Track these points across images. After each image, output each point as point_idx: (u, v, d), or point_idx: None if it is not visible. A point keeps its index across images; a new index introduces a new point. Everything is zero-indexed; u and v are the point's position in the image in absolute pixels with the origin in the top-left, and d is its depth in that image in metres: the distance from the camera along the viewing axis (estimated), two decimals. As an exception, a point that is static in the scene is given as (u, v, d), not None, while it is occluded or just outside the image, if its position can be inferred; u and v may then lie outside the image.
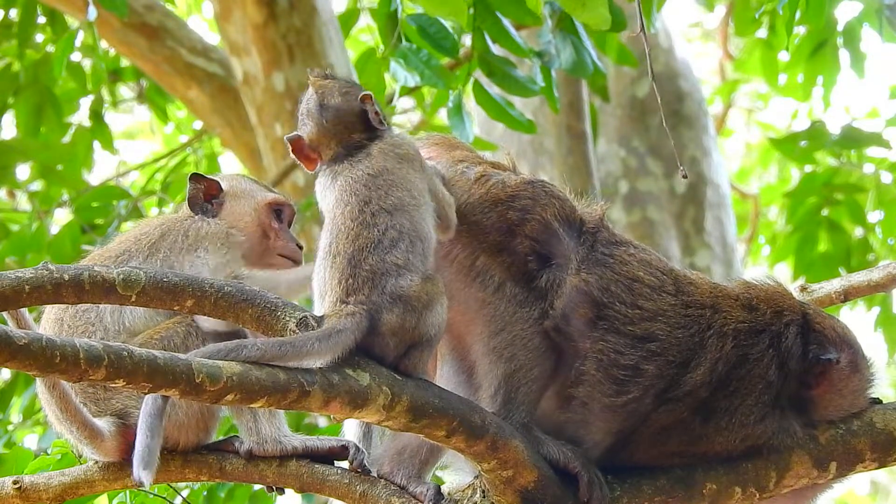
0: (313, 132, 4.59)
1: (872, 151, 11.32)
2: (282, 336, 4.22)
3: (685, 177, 5.78)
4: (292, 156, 4.63)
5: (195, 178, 5.12)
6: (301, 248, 5.11)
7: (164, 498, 5.39)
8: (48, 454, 5.22)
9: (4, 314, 4.33)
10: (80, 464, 4.77)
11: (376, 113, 4.58)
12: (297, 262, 5.08)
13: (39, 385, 4.71)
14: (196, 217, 5.03)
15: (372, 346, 4.24)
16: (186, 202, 5.11)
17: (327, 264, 4.34)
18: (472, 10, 6.97)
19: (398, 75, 6.94)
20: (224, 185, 5.12)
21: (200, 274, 4.79)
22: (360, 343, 4.21)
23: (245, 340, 4.16)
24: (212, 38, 12.43)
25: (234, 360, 4.04)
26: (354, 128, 4.57)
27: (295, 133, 4.63)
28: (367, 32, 12.72)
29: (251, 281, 4.82)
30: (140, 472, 3.98)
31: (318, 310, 4.32)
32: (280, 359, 4.09)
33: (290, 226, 5.18)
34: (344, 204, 4.41)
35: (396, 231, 4.33)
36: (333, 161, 4.54)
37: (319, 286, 4.36)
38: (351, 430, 4.71)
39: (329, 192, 4.50)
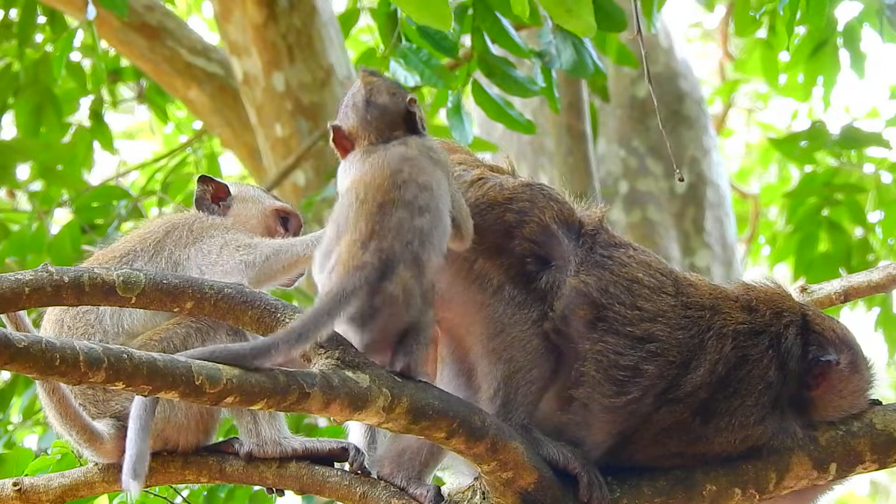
0: (354, 124, 4.58)
1: (872, 151, 11.32)
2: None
3: (681, 179, 5.78)
4: (331, 144, 4.62)
5: (204, 179, 5.14)
6: None
7: (165, 498, 5.40)
8: (48, 455, 5.22)
9: (3, 317, 4.33)
10: (80, 465, 4.77)
11: (421, 118, 4.59)
12: None
13: (39, 388, 4.71)
14: (202, 214, 5.04)
15: (378, 293, 4.16)
16: (193, 203, 5.11)
17: (351, 210, 4.26)
18: (471, 11, 6.98)
19: (398, 75, 6.95)
20: (233, 190, 5.15)
21: (208, 256, 4.80)
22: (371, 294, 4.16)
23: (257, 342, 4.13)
24: (212, 38, 12.44)
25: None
26: (396, 126, 4.57)
27: (336, 122, 4.63)
28: (367, 32, 12.74)
29: (264, 245, 4.83)
30: (129, 481, 3.94)
31: (327, 259, 4.26)
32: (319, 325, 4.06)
33: (296, 237, 5.17)
34: (375, 170, 4.37)
35: (425, 202, 4.28)
36: (367, 147, 4.53)
37: (337, 227, 4.28)
38: (355, 433, 4.72)
39: (354, 168, 4.47)
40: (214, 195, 5.13)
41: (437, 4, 5.26)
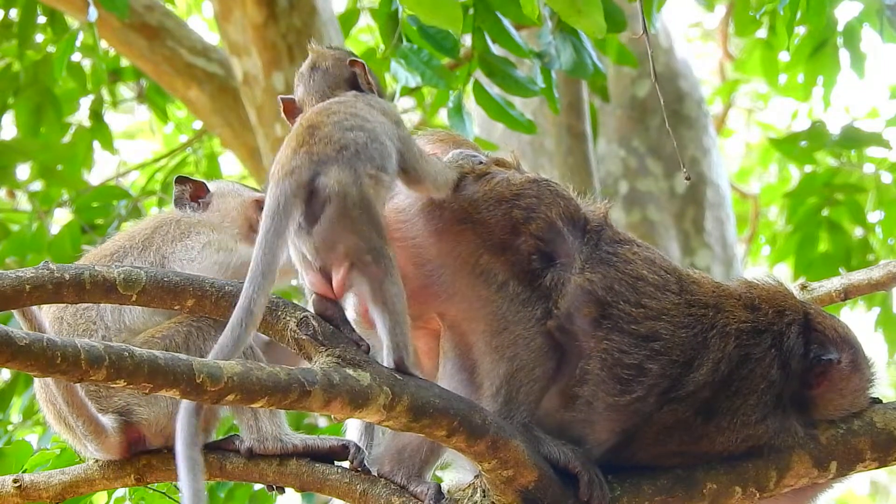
0: (302, 93, 4.59)
1: (872, 151, 11.32)
2: (282, 335, 4.24)
3: (688, 178, 5.76)
4: (282, 115, 4.62)
5: (180, 180, 5.18)
6: None
7: (165, 494, 5.40)
8: (47, 450, 5.23)
9: (16, 313, 4.33)
10: (80, 462, 4.78)
11: (368, 82, 4.56)
12: None
13: (43, 382, 4.71)
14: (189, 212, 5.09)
15: (315, 195, 4.14)
16: (173, 203, 5.15)
17: (282, 147, 4.27)
18: (472, 11, 6.98)
19: (399, 75, 6.95)
20: (211, 187, 5.18)
21: (189, 253, 4.83)
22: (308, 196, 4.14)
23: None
24: (212, 38, 12.43)
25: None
26: (339, 88, 4.55)
27: (290, 96, 4.62)
28: (367, 32, 12.74)
29: (245, 252, 4.86)
30: None
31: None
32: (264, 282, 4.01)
33: None
34: (305, 115, 4.39)
35: (356, 123, 4.28)
36: None
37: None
38: (352, 429, 4.72)
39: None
40: (193, 194, 5.17)
41: (447, 7, 5.28)
